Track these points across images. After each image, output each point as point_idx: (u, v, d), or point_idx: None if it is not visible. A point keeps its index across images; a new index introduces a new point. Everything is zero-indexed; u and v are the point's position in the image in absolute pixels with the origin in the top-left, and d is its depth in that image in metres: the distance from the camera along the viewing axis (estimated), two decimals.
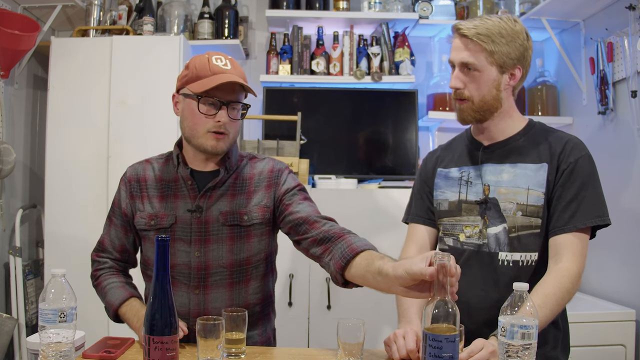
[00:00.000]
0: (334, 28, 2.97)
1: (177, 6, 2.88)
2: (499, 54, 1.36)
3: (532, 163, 1.38)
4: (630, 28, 2.28)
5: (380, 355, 1.29)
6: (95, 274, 1.51)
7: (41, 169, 2.64)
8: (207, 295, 1.40)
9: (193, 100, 1.36)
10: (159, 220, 1.41)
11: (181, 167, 1.43)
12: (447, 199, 1.49)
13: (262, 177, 1.46)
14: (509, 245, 1.38)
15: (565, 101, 2.91)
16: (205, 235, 1.39)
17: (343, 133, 2.93)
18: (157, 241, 1.06)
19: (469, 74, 1.38)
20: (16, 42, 2.41)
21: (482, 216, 1.41)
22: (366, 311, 2.40)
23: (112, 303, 1.43)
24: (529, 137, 1.43)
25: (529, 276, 1.37)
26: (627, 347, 2.22)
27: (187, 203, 1.41)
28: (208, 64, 1.36)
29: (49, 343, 1.07)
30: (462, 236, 1.45)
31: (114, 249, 1.51)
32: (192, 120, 1.37)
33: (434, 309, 1.01)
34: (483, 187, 1.42)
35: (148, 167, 1.49)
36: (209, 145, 1.36)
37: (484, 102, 1.39)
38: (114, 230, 1.51)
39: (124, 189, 1.49)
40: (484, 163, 1.44)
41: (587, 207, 1.32)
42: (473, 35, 1.35)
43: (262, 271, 1.47)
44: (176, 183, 1.44)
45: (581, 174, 1.34)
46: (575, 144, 1.38)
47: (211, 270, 1.39)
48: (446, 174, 1.52)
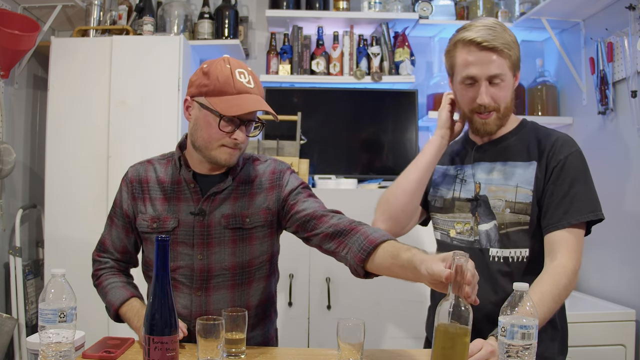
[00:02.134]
0: (334, 28, 2.97)
1: (177, 6, 2.88)
2: (514, 59, 1.38)
3: (521, 161, 1.40)
4: (630, 28, 2.28)
5: (380, 356, 1.29)
6: (97, 274, 1.51)
7: (41, 169, 2.64)
8: (209, 297, 1.40)
9: (211, 114, 1.32)
10: (161, 223, 1.41)
11: (183, 170, 1.42)
12: (442, 197, 1.53)
13: (264, 179, 1.45)
14: (499, 242, 1.39)
15: (565, 101, 2.91)
16: (208, 239, 1.39)
17: (343, 133, 2.93)
18: (157, 241, 1.06)
19: (494, 86, 1.36)
20: (16, 42, 2.41)
21: (474, 213, 1.44)
22: (366, 311, 2.41)
23: (112, 303, 1.43)
24: (520, 136, 1.45)
25: (521, 272, 1.38)
26: (627, 347, 2.22)
27: (191, 206, 1.40)
28: (232, 79, 1.31)
29: (49, 343, 1.07)
30: (453, 232, 1.48)
31: (115, 249, 1.51)
32: (207, 133, 1.33)
33: (448, 307, 1.02)
34: (475, 185, 1.45)
35: (150, 168, 1.47)
36: (222, 158, 1.35)
37: (507, 108, 1.41)
38: (115, 231, 1.50)
39: (125, 190, 1.47)
40: (476, 162, 1.47)
41: (580, 203, 1.32)
42: (500, 46, 1.33)
43: (264, 273, 1.46)
44: (179, 185, 1.43)
45: (572, 170, 1.35)
46: (565, 141, 1.39)
47: (214, 273, 1.40)
48: (444, 171, 1.56)
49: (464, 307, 1.02)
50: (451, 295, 1.03)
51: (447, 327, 1.02)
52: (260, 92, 1.37)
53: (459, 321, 1.01)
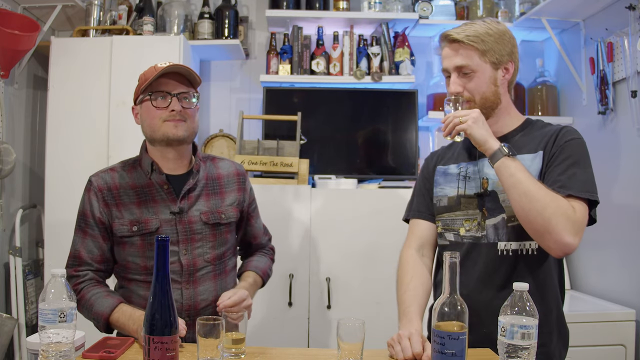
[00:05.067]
0: (334, 28, 2.97)
1: (177, 6, 2.88)
2: (491, 52, 1.41)
3: (528, 153, 1.40)
4: (630, 28, 2.28)
5: (380, 355, 1.29)
6: (77, 288, 1.47)
7: (41, 169, 2.64)
8: (196, 289, 1.50)
9: (147, 100, 1.48)
10: (143, 225, 1.48)
11: (155, 173, 1.51)
12: (446, 195, 1.51)
13: (230, 179, 1.62)
14: (507, 235, 1.39)
15: (565, 101, 2.91)
16: (191, 234, 1.51)
17: (343, 133, 2.93)
18: (157, 241, 1.06)
19: (465, 76, 1.42)
20: (16, 42, 2.41)
21: (481, 209, 1.43)
22: (366, 311, 2.41)
23: (101, 312, 1.41)
24: (525, 132, 1.46)
25: (530, 266, 1.37)
26: (627, 347, 2.22)
27: (168, 206, 1.50)
28: (154, 67, 1.48)
29: (49, 343, 1.07)
30: (462, 230, 1.46)
31: (93, 260, 1.49)
32: (149, 117, 1.48)
33: (445, 306, 1.04)
34: (481, 180, 1.45)
35: (115, 176, 1.54)
36: (169, 132, 1.47)
37: (485, 99, 1.42)
38: (91, 241, 1.49)
39: (95, 199, 1.51)
40: (481, 158, 1.46)
41: (577, 182, 1.31)
42: (463, 38, 1.40)
43: (233, 262, 1.66)
44: (150, 188, 1.51)
45: (571, 152, 1.35)
46: (568, 130, 1.40)
47: (198, 266, 1.51)
48: (445, 171, 1.54)
49: (460, 306, 1.04)
50: (447, 294, 1.05)
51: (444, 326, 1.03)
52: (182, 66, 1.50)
53: (455, 319, 1.03)
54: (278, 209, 2.46)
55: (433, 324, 1.07)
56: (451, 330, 1.03)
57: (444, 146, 1.64)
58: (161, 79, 1.47)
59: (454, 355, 1.03)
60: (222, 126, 3.02)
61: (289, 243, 2.47)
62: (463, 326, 1.04)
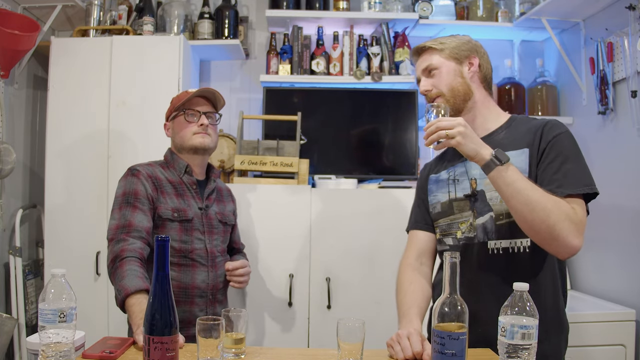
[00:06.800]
0: (334, 28, 2.97)
1: (177, 6, 2.88)
2: (450, 49, 1.50)
3: (513, 150, 1.40)
4: (630, 28, 2.28)
5: (380, 355, 1.29)
6: (122, 254, 1.51)
7: (41, 169, 2.64)
8: (217, 272, 1.78)
9: (180, 116, 1.78)
10: (182, 213, 1.72)
11: (187, 175, 1.79)
12: (439, 201, 1.54)
13: (225, 192, 1.98)
14: (496, 233, 1.39)
15: (565, 101, 2.91)
16: (210, 228, 1.79)
17: (343, 133, 2.93)
18: (157, 241, 1.06)
19: (432, 76, 1.51)
20: (16, 42, 2.41)
21: (472, 210, 1.44)
22: (366, 311, 2.41)
23: (127, 288, 1.43)
24: (510, 130, 1.47)
25: (523, 264, 1.37)
26: (627, 347, 2.22)
27: (197, 202, 1.78)
28: (186, 92, 1.81)
29: (49, 343, 1.07)
30: (459, 233, 1.47)
31: (143, 228, 1.61)
32: (181, 129, 1.78)
33: (445, 306, 1.04)
34: (470, 181, 1.46)
35: (156, 169, 1.77)
36: (197, 142, 1.76)
37: (454, 90, 1.48)
38: (140, 214, 1.62)
39: (144, 181, 1.69)
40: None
41: (573, 178, 1.31)
42: (425, 45, 1.54)
43: (228, 256, 1.94)
44: (182, 186, 1.78)
45: (561, 148, 1.35)
46: (554, 124, 1.40)
47: (215, 254, 1.80)
48: (437, 178, 1.57)
49: (460, 306, 1.04)
50: (447, 294, 1.05)
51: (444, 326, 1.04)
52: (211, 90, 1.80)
53: (455, 319, 1.03)
54: (278, 209, 2.46)
55: (433, 324, 1.07)
56: (451, 330, 1.03)
57: (437, 156, 1.66)
58: (192, 100, 1.77)
59: (454, 355, 1.03)
60: (222, 126, 3.01)
61: (289, 243, 2.47)
62: (463, 326, 1.04)
